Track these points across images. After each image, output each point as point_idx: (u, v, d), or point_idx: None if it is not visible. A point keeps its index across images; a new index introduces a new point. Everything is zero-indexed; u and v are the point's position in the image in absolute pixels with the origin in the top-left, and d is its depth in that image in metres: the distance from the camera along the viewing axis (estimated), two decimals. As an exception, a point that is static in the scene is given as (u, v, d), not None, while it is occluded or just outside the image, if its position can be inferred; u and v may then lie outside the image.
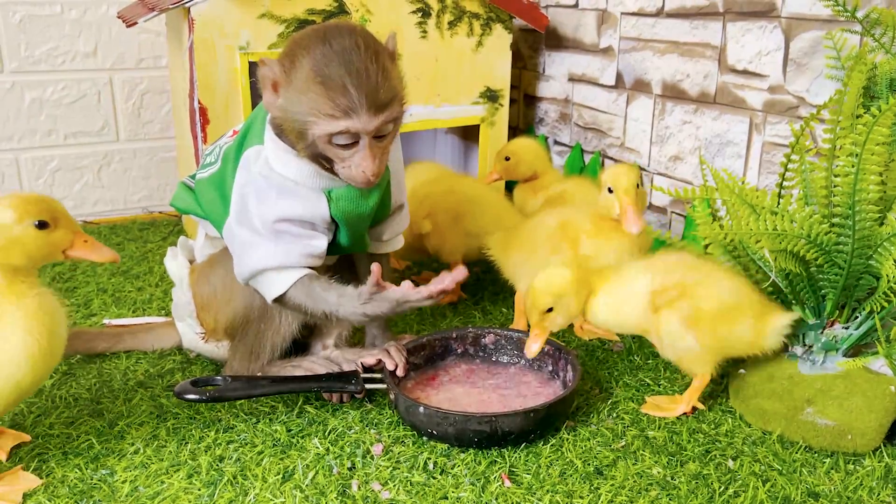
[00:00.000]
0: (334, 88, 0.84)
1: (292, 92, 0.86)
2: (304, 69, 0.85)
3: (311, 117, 0.86)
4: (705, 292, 0.95)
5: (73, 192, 1.75)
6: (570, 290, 0.95)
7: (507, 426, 0.90)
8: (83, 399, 1.00)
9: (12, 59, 1.63)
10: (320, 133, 0.86)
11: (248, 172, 0.94)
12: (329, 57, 0.85)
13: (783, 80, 1.10)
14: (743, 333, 0.95)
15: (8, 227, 0.78)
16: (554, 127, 1.67)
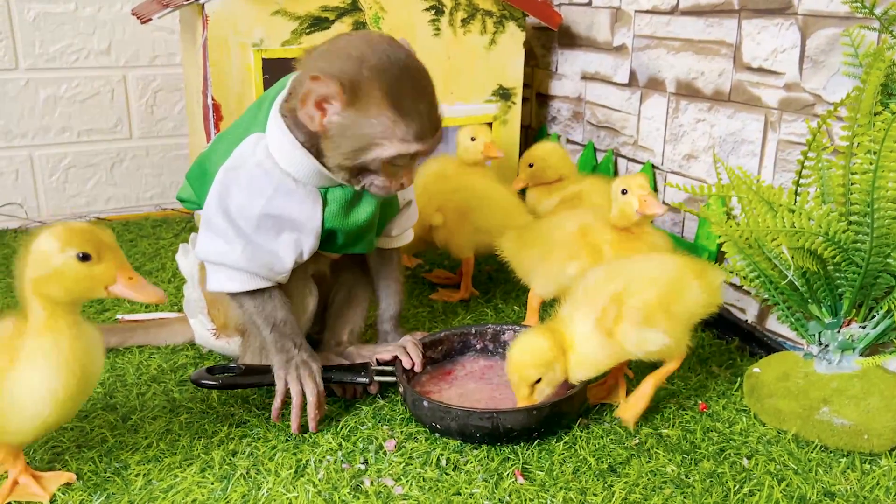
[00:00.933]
0: (409, 114, 0.85)
1: (356, 113, 0.84)
2: (374, 92, 0.84)
3: (381, 140, 0.85)
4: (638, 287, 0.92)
5: (86, 189, 1.76)
6: (553, 358, 0.91)
7: (508, 423, 0.89)
8: (97, 393, 1.00)
9: (27, 56, 1.64)
10: (388, 155, 0.86)
11: (244, 160, 0.92)
12: (401, 80, 0.85)
13: (799, 78, 1.10)
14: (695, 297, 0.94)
15: (50, 257, 0.72)
16: (566, 125, 1.66)
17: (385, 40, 0.88)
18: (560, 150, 1.40)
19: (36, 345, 0.74)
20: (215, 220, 0.92)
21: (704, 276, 0.96)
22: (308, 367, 0.94)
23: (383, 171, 0.89)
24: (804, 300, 0.99)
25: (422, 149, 0.87)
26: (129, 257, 1.50)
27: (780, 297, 1.01)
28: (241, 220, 0.92)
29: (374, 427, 0.94)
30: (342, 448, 0.90)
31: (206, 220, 0.94)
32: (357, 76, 0.84)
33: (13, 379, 0.74)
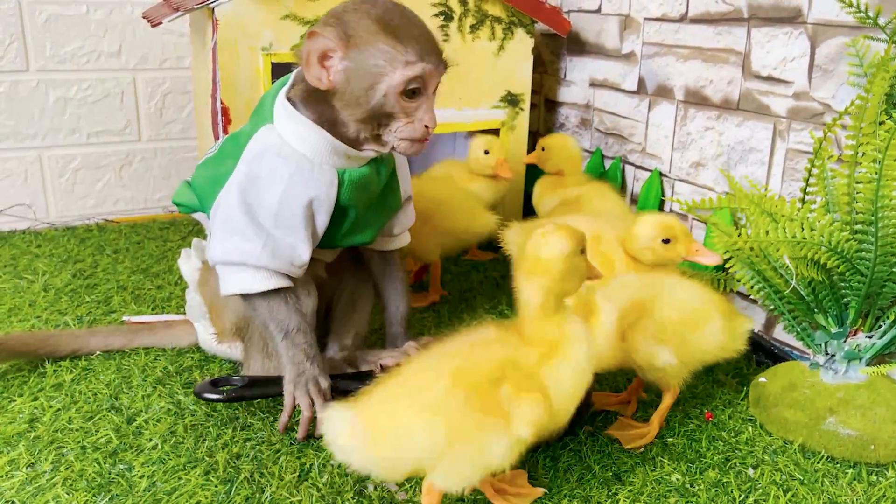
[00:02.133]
0: (407, 35, 0.87)
1: (356, 52, 0.86)
2: (367, 27, 0.86)
3: (386, 67, 0.86)
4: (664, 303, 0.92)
5: (95, 190, 1.76)
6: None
7: None
8: (102, 394, 1.01)
9: (38, 58, 1.65)
10: (398, 81, 0.86)
11: (258, 149, 0.93)
12: (390, 11, 0.88)
13: (808, 87, 1.09)
14: (714, 336, 0.92)
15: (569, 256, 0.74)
16: (575, 132, 1.66)
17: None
18: (572, 146, 1.41)
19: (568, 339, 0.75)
20: (235, 217, 0.92)
21: (730, 318, 0.95)
22: (317, 385, 0.93)
23: (401, 110, 0.88)
24: (810, 310, 0.99)
25: (429, 68, 0.87)
26: (135, 259, 1.51)
27: (785, 306, 1.01)
28: (262, 211, 0.92)
29: (378, 432, 0.94)
30: (346, 452, 0.90)
31: (224, 220, 0.93)
32: (347, 20, 0.87)
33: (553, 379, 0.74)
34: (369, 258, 1.11)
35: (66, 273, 1.43)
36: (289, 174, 0.91)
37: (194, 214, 1.06)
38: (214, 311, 1.07)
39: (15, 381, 1.03)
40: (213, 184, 0.97)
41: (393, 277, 1.11)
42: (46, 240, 1.62)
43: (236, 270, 0.93)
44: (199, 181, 1.02)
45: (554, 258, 0.74)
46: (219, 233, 0.93)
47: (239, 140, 0.97)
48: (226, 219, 0.93)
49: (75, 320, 1.23)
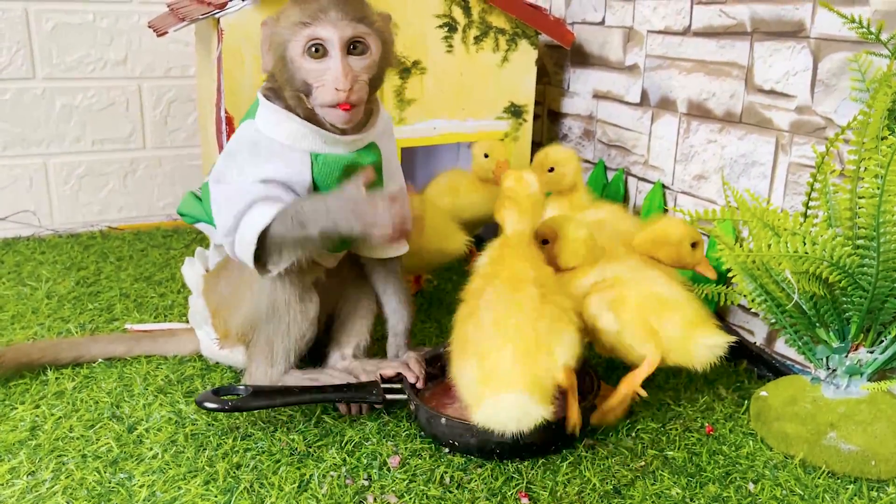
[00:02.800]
0: (311, 2, 0.91)
1: (276, 29, 0.93)
2: (288, 6, 0.93)
3: (288, 34, 0.91)
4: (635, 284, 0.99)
5: (99, 197, 1.77)
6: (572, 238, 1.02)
7: (529, 438, 0.89)
8: (104, 403, 1.01)
9: (44, 65, 1.66)
10: (295, 45, 0.91)
11: (239, 142, 0.97)
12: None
13: (811, 101, 1.10)
14: (672, 330, 0.95)
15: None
16: (578, 143, 1.67)
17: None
18: (575, 156, 1.33)
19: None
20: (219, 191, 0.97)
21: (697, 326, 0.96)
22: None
23: (311, 74, 0.91)
24: (812, 324, 0.98)
25: (320, 28, 0.90)
26: (139, 267, 1.52)
27: (787, 320, 1.01)
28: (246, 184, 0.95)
29: (378, 443, 0.94)
30: (346, 463, 0.90)
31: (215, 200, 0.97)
32: (284, 7, 0.94)
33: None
34: (370, 268, 1.11)
35: (69, 280, 1.43)
36: (262, 156, 0.95)
37: (198, 225, 1.07)
38: (219, 316, 1.07)
39: (17, 389, 1.04)
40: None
41: (394, 287, 1.11)
42: (50, 246, 1.62)
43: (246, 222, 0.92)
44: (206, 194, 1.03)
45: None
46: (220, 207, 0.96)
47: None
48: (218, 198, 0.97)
49: (78, 328, 1.23)
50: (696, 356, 0.96)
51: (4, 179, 1.68)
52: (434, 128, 1.47)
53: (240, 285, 1.02)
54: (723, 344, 0.95)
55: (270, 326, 1.00)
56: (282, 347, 1.00)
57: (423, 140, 1.47)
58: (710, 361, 0.95)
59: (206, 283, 1.09)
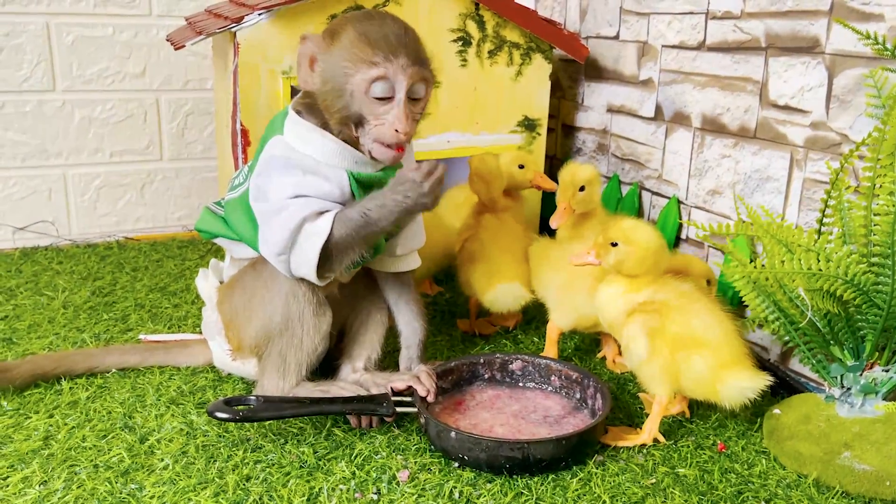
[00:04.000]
0: (376, 39, 0.91)
1: (334, 54, 0.91)
2: (347, 32, 0.92)
3: (350, 69, 0.90)
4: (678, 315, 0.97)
5: (116, 208, 1.79)
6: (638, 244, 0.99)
7: (539, 453, 0.89)
8: (116, 413, 1.02)
9: (64, 78, 1.68)
10: (360, 80, 0.90)
11: (268, 162, 0.97)
12: (371, 19, 0.93)
13: (826, 117, 1.09)
14: (700, 368, 0.95)
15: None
16: (591, 157, 1.67)
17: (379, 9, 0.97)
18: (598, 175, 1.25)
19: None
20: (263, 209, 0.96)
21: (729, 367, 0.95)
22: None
23: (371, 112, 0.92)
24: (826, 342, 0.98)
25: (391, 70, 0.91)
26: (154, 277, 1.53)
27: (801, 338, 1.00)
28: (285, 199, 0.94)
29: (388, 456, 0.94)
30: (355, 477, 0.90)
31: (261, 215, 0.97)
32: (334, 27, 0.93)
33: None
34: (383, 281, 1.12)
35: (85, 290, 1.45)
36: (300, 172, 0.95)
37: (216, 240, 1.08)
38: (232, 328, 1.08)
39: (32, 398, 1.05)
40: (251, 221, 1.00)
41: (407, 300, 1.12)
42: (68, 256, 1.64)
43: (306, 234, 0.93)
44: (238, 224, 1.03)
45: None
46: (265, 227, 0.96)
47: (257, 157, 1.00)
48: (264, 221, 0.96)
49: (93, 338, 1.24)
50: (726, 397, 0.95)
51: (24, 190, 1.70)
52: (448, 141, 1.47)
53: (253, 298, 1.03)
54: (755, 387, 0.93)
55: (283, 340, 1.00)
56: (294, 360, 1.01)
57: (437, 153, 1.47)
58: (741, 403, 0.95)
59: (219, 295, 1.10)
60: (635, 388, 1.13)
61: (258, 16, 1.26)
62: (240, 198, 1.03)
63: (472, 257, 1.25)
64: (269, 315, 1.01)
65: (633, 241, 0.99)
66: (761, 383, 0.93)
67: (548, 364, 1.09)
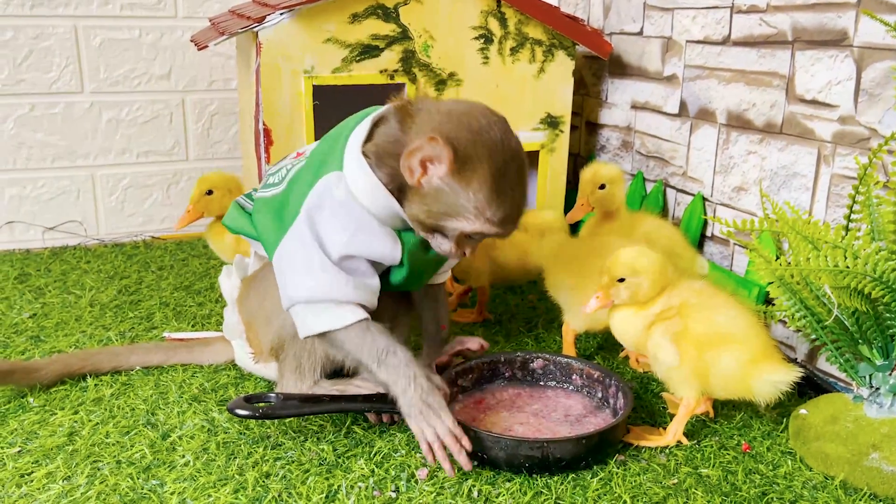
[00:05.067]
0: (504, 200, 0.88)
1: (457, 183, 0.87)
2: (482, 171, 0.87)
3: (470, 215, 0.88)
4: (700, 314, 0.95)
5: (143, 208, 1.81)
6: (652, 272, 0.97)
7: (558, 452, 0.88)
8: (139, 410, 1.03)
9: (92, 80, 1.71)
10: (469, 229, 0.89)
11: (326, 197, 0.93)
12: (507, 167, 0.88)
13: (854, 111, 1.07)
14: (730, 366, 0.93)
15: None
16: (616, 154, 1.65)
17: (501, 121, 0.90)
18: (622, 175, 1.27)
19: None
20: (315, 257, 0.92)
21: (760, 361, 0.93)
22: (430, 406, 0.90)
23: (456, 239, 0.91)
24: (854, 341, 0.95)
25: (500, 233, 0.90)
26: (179, 276, 1.54)
27: (828, 336, 0.98)
28: (330, 257, 0.93)
29: (407, 454, 0.94)
30: (374, 475, 0.90)
31: (304, 260, 0.93)
32: (470, 149, 0.86)
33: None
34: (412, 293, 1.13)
35: (112, 289, 1.47)
36: (354, 226, 0.92)
37: (246, 237, 1.09)
38: (252, 329, 1.08)
39: (57, 395, 1.06)
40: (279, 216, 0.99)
41: (433, 298, 1.13)
42: (95, 256, 1.66)
43: (321, 309, 0.93)
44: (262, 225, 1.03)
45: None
46: (299, 272, 0.94)
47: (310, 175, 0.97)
48: (303, 257, 0.93)
49: (118, 336, 1.26)
50: (758, 392, 0.93)
51: (53, 191, 1.73)
52: (470, 139, 1.46)
53: (265, 300, 1.03)
54: (787, 380, 0.91)
55: (297, 344, 1.01)
56: (309, 364, 1.01)
57: (459, 152, 1.46)
58: (774, 397, 0.93)
59: (239, 294, 1.11)
60: (658, 387, 1.12)
61: (280, 15, 1.27)
62: (271, 199, 1.02)
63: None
64: (282, 320, 1.01)
65: (640, 270, 0.97)
66: (793, 375, 0.92)
67: (569, 363, 1.09)
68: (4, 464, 0.90)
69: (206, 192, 1.36)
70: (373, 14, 1.34)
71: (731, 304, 0.97)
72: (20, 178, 1.70)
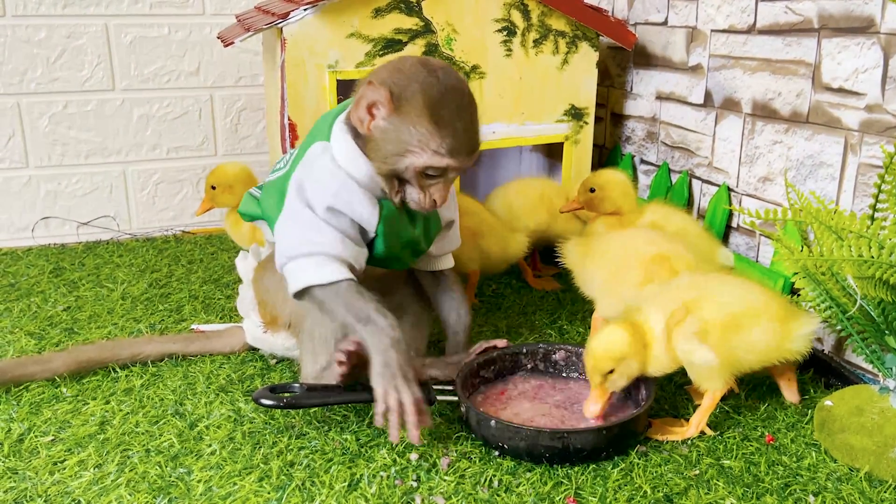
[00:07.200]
0: (445, 129, 0.91)
1: (399, 119, 0.92)
2: (417, 102, 0.91)
3: (415, 148, 0.92)
4: (712, 302, 0.95)
5: (174, 203, 1.84)
6: (629, 352, 0.95)
7: (578, 443, 0.89)
8: (168, 400, 1.05)
9: (123, 77, 1.74)
10: (420, 164, 0.92)
11: (310, 164, 0.99)
12: (444, 97, 0.92)
13: (881, 99, 1.05)
14: (763, 338, 0.93)
15: None
16: (641, 145, 1.64)
17: (441, 65, 0.95)
18: (625, 181, 1.32)
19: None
20: (304, 215, 0.97)
21: (785, 320, 0.94)
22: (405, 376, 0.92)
23: (417, 182, 0.95)
24: (880, 331, 0.94)
25: (452, 164, 0.93)
26: (208, 270, 1.57)
27: (854, 327, 0.97)
28: (316, 212, 0.97)
29: (429, 444, 0.95)
30: (396, 464, 0.91)
31: (293, 218, 0.98)
32: (405, 88, 0.91)
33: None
34: (421, 277, 1.15)
35: (143, 282, 1.50)
36: (337, 186, 0.96)
37: (255, 222, 1.12)
38: (266, 305, 1.13)
39: (90, 385, 1.09)
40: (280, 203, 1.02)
41: (448, 289, 1.14)
42: (127, 250, 1.70)
43: (307, 264, 0.96)
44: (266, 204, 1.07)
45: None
46: (288, 229, 0.98)
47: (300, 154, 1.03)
48: (294, 217, 0.98)
49: (148, 328, 1.29)
50: (796, 349, 0.95)
51: (87, 186, 1.77)
52: (493, 132, 1.47)
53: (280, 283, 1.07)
54: (816, 328, 0.94)
55: (309, 320, 1.05)
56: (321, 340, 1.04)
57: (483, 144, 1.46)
58: (810, 349, 0.95)
59: (255, 273, 1.17)
60: (680, 378, 1.12)
61: (304, 11, 1.28)
62: (276, 180, 1.06)
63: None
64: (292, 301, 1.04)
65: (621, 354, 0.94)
66: (816, 322, 0.94)
67: None
68: (38, 452, 0.93)
69: (211, 187, 1.46)
70: (395, 8, 1.34)
71: (728, 281, 0.99)
72: (55, 175, 1.75)
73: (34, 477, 0.88)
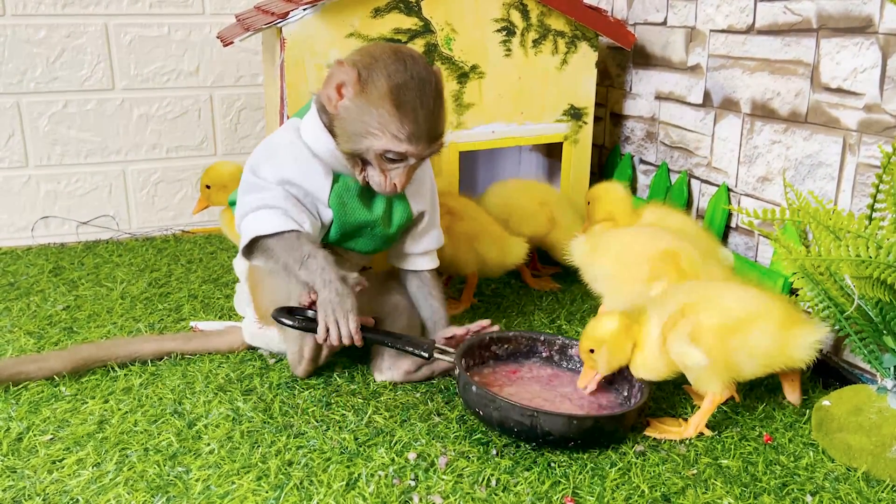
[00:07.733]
0: (406, 115, 0.94)
1: (363, 101, 0.95)
2: (382, 86, 0.94)
3: (376, 131, 0.95)
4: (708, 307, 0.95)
5: (174, 203, 1.84)
6: (610, 340, 0.97)
7: (546, 425, 0.90)
8: (167, 399, 1.05)
9: (123, 77, 1.74)
10: (379, 146, 0.96)
11: (274, 137, 1.04)
12: (408, 84, 0.94)
13: (880, 99, 1.05)
14: (763, 343, 0.93)
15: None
16: (640, 145, 1.64)
17: (413, 54, 0.98)
18: (617, 191, 1.33)
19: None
20: (250, 180, 1.02)
21: (791, 327, 0.94)
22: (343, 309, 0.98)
23: (378, 164, 0.98)
24: (878, 331, 0.94)
25: (411, 150, 0.96)
26: (207, 269, 1.57)
27: (852, 327, 0.97)
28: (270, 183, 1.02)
29: (427, 443, 0.95)
30: (394, 463, 0.91)
31: (244, 186, 1.03)
32: (373, 71, 0.95)
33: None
34: (404, 278, 1.18)
35: (142, 282, 1.50)
36: (290, 158, 1.01)
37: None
38: (254, 297, 1.15)
39: (89, 384, 1.09)
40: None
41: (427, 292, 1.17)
42: (127, 249, 1.70)
43: (254, 219, 1.01)
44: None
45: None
46: (242, 196, 1.03)
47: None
48: (247, 184, 1.03)
49: (148, 327, 1.29)
50: (797, 358, 0.94)
51: (87, 186, 1.77)
52: (493, 132, 1.47)
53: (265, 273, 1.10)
54: (821, 337, 0.93)
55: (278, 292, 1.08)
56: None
57: (482, 144, 1.47)
58: (814, 357, 0.94)
59: (248, 273, 1.18)
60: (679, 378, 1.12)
61: (303, 11, 1.28)
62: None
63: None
64: (273, 289, 1.08)
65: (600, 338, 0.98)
66: (824, 331, 0.94)
67: None
68: (37, 451, 0.93)
69: (206, 187, 1.46)
70: (395, 8, 1.35)
71: (733, 286, 0.99)
72: (55, 174, 1.75)
73: (33, 476, 0.88)
